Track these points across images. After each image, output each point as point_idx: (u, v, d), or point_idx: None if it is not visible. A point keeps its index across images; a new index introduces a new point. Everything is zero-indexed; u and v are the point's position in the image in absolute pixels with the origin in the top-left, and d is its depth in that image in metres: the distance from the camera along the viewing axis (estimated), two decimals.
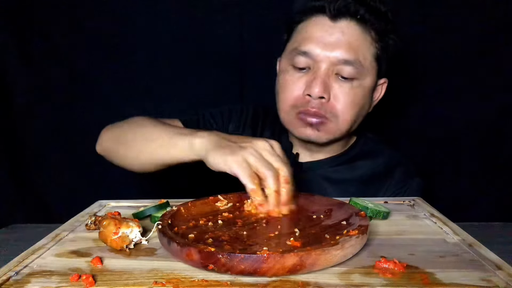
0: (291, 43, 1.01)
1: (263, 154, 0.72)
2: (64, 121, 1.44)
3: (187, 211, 0.71)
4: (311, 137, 0.99)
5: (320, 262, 0.52)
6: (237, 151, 0.72)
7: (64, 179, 1.46)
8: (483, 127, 1.38)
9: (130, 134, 0.95)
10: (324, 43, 0.94)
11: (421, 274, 0.52)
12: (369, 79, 0.98)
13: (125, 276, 0.53)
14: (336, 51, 0.94)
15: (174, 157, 0.85)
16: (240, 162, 0.71)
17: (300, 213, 0.72)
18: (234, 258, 0.51)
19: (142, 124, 0.95)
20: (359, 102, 0.98)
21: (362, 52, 0.95)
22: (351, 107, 0.97)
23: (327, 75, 0.95)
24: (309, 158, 1.08)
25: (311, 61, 0.96)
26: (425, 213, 0.76)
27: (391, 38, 0.99)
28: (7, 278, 0.53)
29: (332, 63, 0.94)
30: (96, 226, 0.68)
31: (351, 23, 0.95)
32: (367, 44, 0.96)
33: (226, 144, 0.75)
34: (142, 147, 0.91)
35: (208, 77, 1.41)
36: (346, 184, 1.05)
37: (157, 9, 1.40)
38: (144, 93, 1.43)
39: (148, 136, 0.90)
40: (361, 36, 0.95)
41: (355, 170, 1.06)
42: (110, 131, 1.01)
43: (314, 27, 0.96)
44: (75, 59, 1.42)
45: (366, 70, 0.96)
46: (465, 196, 1.40)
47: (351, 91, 0.96)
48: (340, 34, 0.94)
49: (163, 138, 0.86)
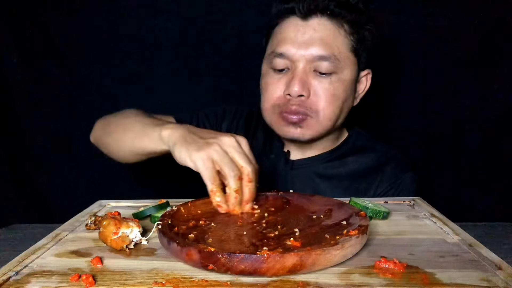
0: (269, 46, 1.03)
1: (228, 151, 0.72)
2: (64, 121, 1.43)
3: (187, 211, 0.71)
4: (294, 135, 1.00)
5: (320, 262, 0.52)
6: (203, 147, 0.72)
7: (64, 179, 1.45)
8: (483, 126, 1.38)
9: (113, 125, 1.01)
10: (298, 43, 0.96)
11: (421, 274, 0.52)
12: (348, 72, 0.99)
13: (125, 276, 0.53)
14: (310, 49, 0.95)
15: (147, 147, 0.88)
16: (204, 160, 0.71)
17: (300, 213, 0.72)
18: (234, 258, 0.51)
19: (127, 116, 1.00)
20: (340, 96, 0.98)
21: (336, 46, 0.96)
22: (331, 102, 0.97)
23: (305, 72, 0.96)
24: (301, 156, 1.08)
25: (288, 61, 0.98)
26: (425, 213, 0.76)
27: (367, 29, 1.00)
28: (7, 278, 0.53)
29: (308, 61, 0.96)
30: (96, 226, 0.68)
31: (322, 19, 0.96)
32: (341, 38, 0.97)
33: (192, 139, 0.76)
34: (121, 137, 0.96)
35: (208, 77, 1.41)
36: (338, 180, 1.05)
37: (157, 9, 1.40)
38: (145, 93, 1.43)
39: (127, 126, 0.96)
40: (333, 31, 0.97)
41: (347, 166, 1.07)
42: (101, 122, 1.07)
43: (287, 29, 0.98)
44: (75, 59, 1.41)
45: (343, 64, 0.97)
46: (465, 196, 1.40)
47: (330, 85, 0.97)
48: (312, 31, 0.96)
49: (138, 128, 0.91)
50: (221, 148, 0.72)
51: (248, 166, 0.72)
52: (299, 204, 0.76)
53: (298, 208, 0.75)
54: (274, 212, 0.73)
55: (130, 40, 1.40)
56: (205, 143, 0.73)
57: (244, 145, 0.75)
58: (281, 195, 0.79)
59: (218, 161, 0.71)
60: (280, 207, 0.76)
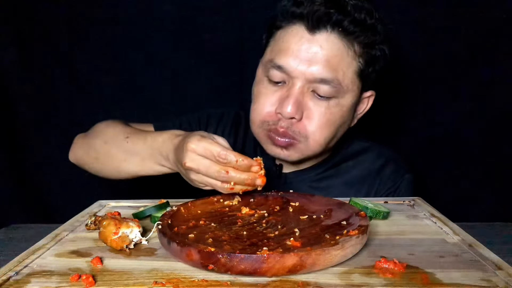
0: (268, 49, 0.94)
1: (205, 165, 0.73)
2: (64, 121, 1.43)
3: (187, 211, 0.71)
4: (280, 155, 0.94)
5: (320, 262, 0.52)
6: (187, 176, 0.78)
7: (64, 179, 1.45)
8: (483, 127, 1.38)
9: (95, 149, 1.00)
10: (300, 58, 0.87)
11: (421, 274, 0.52)
12: (349, 97, 0.91)
13: (125, 276, 0.53)
14: (312, 67, 0.86)
15: (139, 173, 0.94)
16: (199, 183, 0.77)
17: (300, 213, 0.72)
18: (234, 258, 0.51)
19: (106, 136, 0.99)
20: (335, 121, 0.91)
21: (342, 70, 0.87)
22: (324, 127, 0.90)
23: (302, 92, 0.88)
24: (293, 168, 1.03)
25: (285, 76, 0.89)
26: (425, 213, 0.76)
27: (379, 49, 0.91)
28: (7, 278, 0.53)
29: (307, 80, 0.87)
30: (96, 226, 0.68)
31: (332, 35, 0.86)
32: (348, 59, 0.88)
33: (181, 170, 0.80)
34: (107, 162, 0.97)
35: (208, 77, 1.41)
36: (334, 190, 1.00)
37: (157, 10, 1.39)
38: (145, 94, 1.43)
39: (110, 150, 0.96)
40: (342, 51, 0.87)
41: (342, 174, 1.02)
42: (80, 141, 1.06)
43: (292, 38, 0.88)
44: (75, 59, 1.42)
45: (345, 89, 0.89)
46: (465, 196, 1.40)
47: (327, 110, 0.89)
48: (318, 48, 0.86)
49: (121, 157, 0.94)
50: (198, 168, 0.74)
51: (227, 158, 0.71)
52: (299, 204, 0.76)
53: (298, 208, 0.75)
54: (274, 212, 0.73)
55: (131, 41, 1.40)
56: (186, 172, 0.78)
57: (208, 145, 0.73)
58: (281, 195, 0.79)
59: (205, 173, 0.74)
60: (280, 207, 0.75)
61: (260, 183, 0.73)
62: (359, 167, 1.03)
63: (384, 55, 0.92)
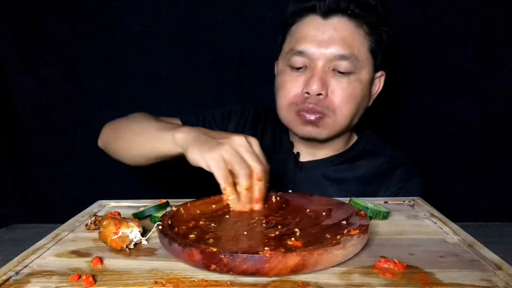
0: (286, 44, 1.02)
1: (239, 150, 0.74)
2: (65, 121, 1.43)
3: (187, 211, 0.71)
4: (312, 134, 1.00)
5: (322, 262, 0.52)
6: (214, 147, 0.74)
7: (64, 179, 1.45)
8: (483, 126, 1.38)
9: (123, 130, 1.00)
10: (318, 41, 0.96)
11: (421, 274, 0.52)
12: (366, 72, 0.99)
13: (125, 276, 0.53)
14: (331, 48, 0.95)
15: (160, 150, 0.89)
16: (217, 160, 0.73)
17: (300, 213, 0.72)
18: (236, 258, 0.51)
19: (137, 120, 1.00)
20: (357, 95, 0.98)
21: (356, 46, 0.96)
22: (348, 101, 0.98)
23: (324, 71, 0.96)
24: (310, 157, 1.08)
25: (307, 60, 0.97)
26: (425, 213, 0.76)
27: (383, 31, 1.00)
28: (7, 278, 0.53)
29: (328, 60, 0.96)
30: (96, 226, 0.68)
31: (343, 19, 0.96)
32: (360, 38, 0.97)
33: (205, 139, 0.77)
34: (132, 141, 0.96)
35: (208, 77, 1.41)
36: (347, 184, 1.05)
37: (157, 10, 1.39)
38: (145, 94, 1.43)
39: (138, 130, 0.96)
40: (354, 30, 0.97)
41: (356, 170, 1.06)
42: (109, 127, 1.06)
43: (307, 27, 0.98)
44: (76, 59, 1.41)
45: (362, 64, 0.98)
46: (465, 196, 1.40)
47: (349, 85, 0.97)
48: (333, 30, 0.95)
49: (150, 132, 0.91)
50: (232, 148, 0.73)
51: (258, 165, 0.73)
52: (299, 204, 0.76)
53: (298, 208, 0.75)
54: (274, 212, 0.73)
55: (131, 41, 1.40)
56: (216, 144, 0.74)
57: (255, 145, 0.76)
58: (280, 195, 0.79)
59: (230, 160, 0.72)
60: (279, 207, 0.76)
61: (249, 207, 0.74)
62: (371, 166, 1.06)
63: (388, 36, 1.01)
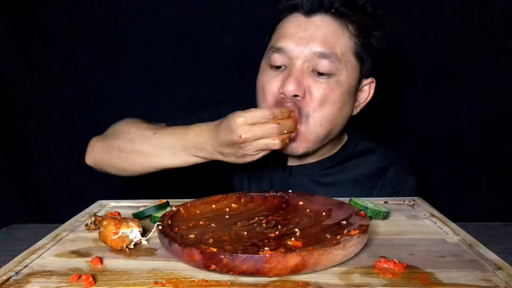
0: (269, 43, 0.99)
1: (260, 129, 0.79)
2: (64, 121, 1.44)
3: (187, 211, 0.71)
4: (286, 150, 0.94)
5: (322, 262, 0.52)
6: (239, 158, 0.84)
7: (64, 179, 1.46)
8: (483, 127, 1.38)
9: (119, 148, 0.98)
10: (298, 38, 0.92)
11: (421, 274, 0.52)
12: (348, 76, 0.93)
13: (125, 276, 0.53)
14: (310, 45, 0.91)
15: (169, 165, 0.93)
16: (253, 152, 0.82)
17: (300, 213, 0.72)
18: (236, 258, 0.51)
19: (131, 134, 0.97)
20: (335, 100, 0.92)
21: (339, 46, 0.92)
22: (324, 105, 0.92)
23: (302, 71, 0.91)
24: (299, 162, 1.04)
25: (286, 58, 0.93)
26: (425, 213, 0.76)
27: (374, 36, 0.95)
28: (7, 278, 0.53)
29: (307, 59, 0.91)
30: (96, 226, 0.68)
31: (326, 17, 0.93)
32: (344, 38, 0.92)
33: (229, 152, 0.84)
34: (133, 158, 0.96)
35: (208, 77, 1.42)
36: (338, 186, 1.01)
37: (158, 10, 1.40)
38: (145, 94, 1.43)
39: (136, 147, 0.95)
40: (337, 30, 0.92)
41: (347, 171, 1.03)
42: (99, 143, 1.02)
43: (289, 24, 0.95)
44: (76, 60, 1.42)
45: (343, 66, 0.92)
46: (465, 196, 1.40)
47: (327, 87, 0.91)
48: (314, 28, 0.92)
49: (152, 148, 0.93)
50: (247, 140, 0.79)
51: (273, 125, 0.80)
52: (299, 204, 0.76)
53: (298, 208, 0.75)
54: (274, 212, 0.73)
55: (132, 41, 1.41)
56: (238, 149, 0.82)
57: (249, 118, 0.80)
58: (280, 195, 0.79)
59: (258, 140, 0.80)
60: (279, 207, 0.76)
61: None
62: (364, 167, 1.04)
63: (380, 42, 0.96)
